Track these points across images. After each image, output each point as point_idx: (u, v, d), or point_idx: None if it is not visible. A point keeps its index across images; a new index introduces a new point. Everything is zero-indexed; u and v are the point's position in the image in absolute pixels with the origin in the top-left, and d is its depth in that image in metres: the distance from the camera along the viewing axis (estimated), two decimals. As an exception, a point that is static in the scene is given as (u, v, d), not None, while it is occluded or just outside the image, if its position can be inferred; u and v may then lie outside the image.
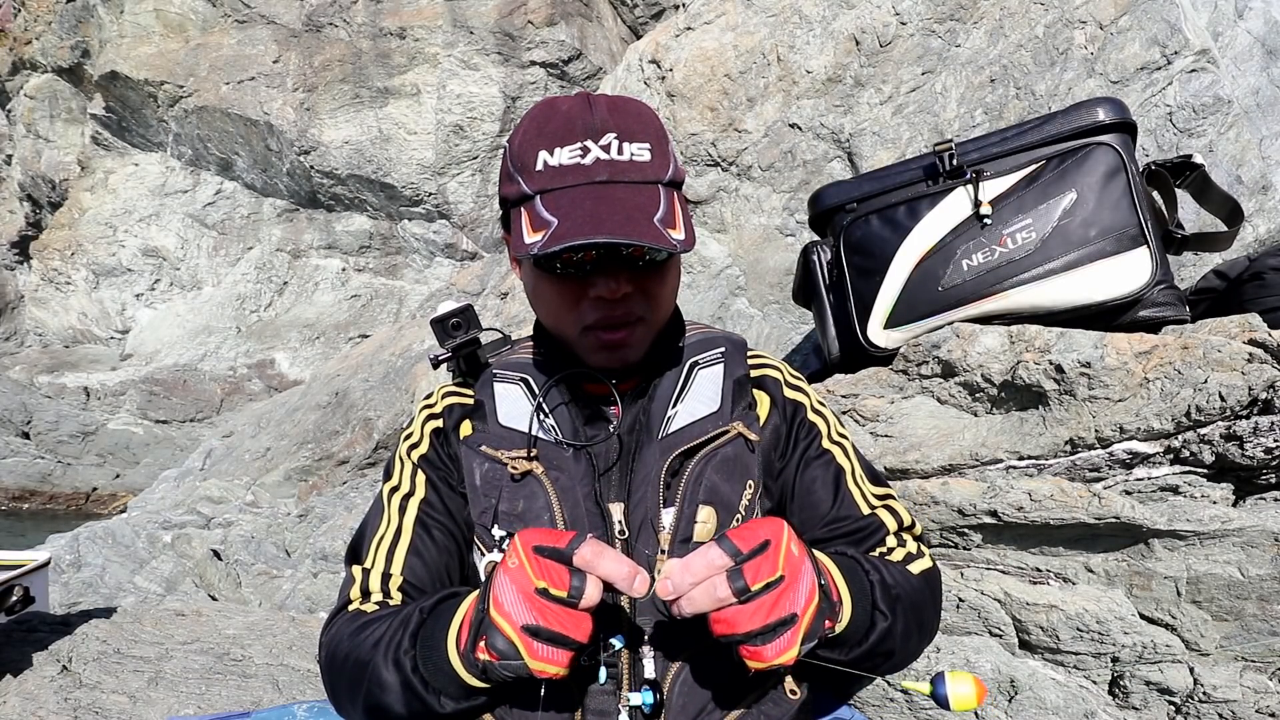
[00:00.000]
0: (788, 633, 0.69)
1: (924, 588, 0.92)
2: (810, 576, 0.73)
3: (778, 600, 0.69)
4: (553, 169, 0.88)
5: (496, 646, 0.71)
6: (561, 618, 0.70)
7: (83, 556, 4.38)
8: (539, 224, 0.85)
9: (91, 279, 13.66)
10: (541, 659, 0.70)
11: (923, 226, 1.43)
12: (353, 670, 0.85)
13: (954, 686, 0.69)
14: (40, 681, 2.37)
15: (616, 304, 0.89)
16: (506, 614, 0.70)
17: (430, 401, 1.05)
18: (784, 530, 0.73)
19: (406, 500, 0.98)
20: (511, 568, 0.72)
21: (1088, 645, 1.18)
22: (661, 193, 0.89)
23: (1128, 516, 1.14)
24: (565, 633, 0.70)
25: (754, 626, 0.69)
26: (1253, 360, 1.13)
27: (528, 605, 0.70)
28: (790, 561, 0.71)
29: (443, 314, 1.04)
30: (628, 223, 0.83)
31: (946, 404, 1.40)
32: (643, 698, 0.83)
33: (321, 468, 5.80)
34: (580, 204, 0.85)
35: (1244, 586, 1.12)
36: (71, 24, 13.25)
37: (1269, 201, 1.81)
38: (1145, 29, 1.93)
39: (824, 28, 2.52)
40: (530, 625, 0.69)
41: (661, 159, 0.91)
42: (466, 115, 11.79)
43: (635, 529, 0.90)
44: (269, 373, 12.53)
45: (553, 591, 0.69)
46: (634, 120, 0.91)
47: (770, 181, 2.55)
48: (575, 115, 0.90)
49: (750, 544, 0.70)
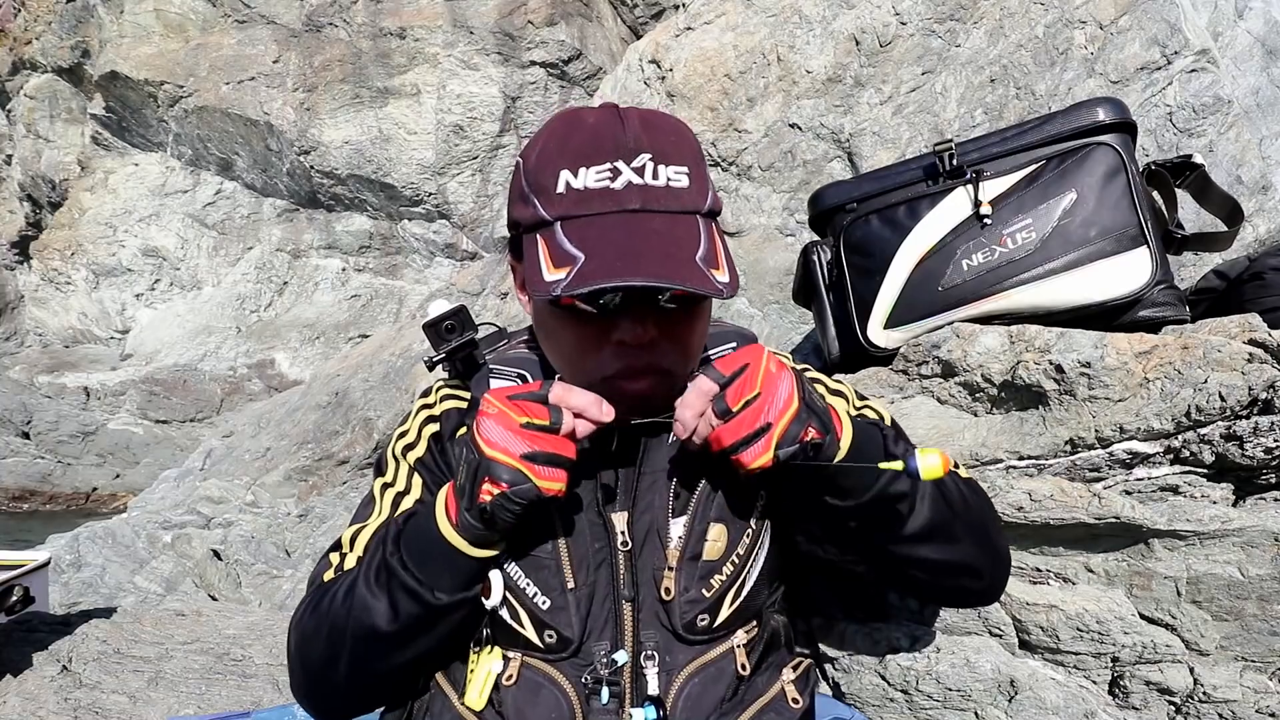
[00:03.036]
0: (762, 439, 0.76)
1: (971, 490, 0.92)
2: (788, 389, 0.78)
3: (755, 414, 0.76)
4: (577, 193, 0.77)
5: (502, 478, 0.75)
6: (551, 441, 0.77)
7: (83, 556, 4.38)
8: (561, 258, 0.75)
9: (91, 279, 13.66)
10: (546, 478, 0.76)
11: (923, 226, 1.42)
12: (330, 628, 0.84)
13: (922, 459, 0.75)
14: (40, 681, 2.37)
15: (641, 351, 0.80)
16: (503, 448, 0.76)
17: (429, 401, 1.00)
18: (762, 354, 0.80)
19: (401, 497, 0.93)
20: (493, 414, 0.77)
21: (1088, 645, 1.18)
22: (701, 225, 0.80)
23: (1128, 516, 1.14)
24: (558, 452, 0.77)
25: (735, 439, 0.76)
26: (1253, 360, 1.14)
27: (520, 437, 0.76)
28: (766, 379, 0.78)
29: (435, 318, 0.98)
30: (666, 262, 0.74)
31: (946, 404, 1.40)
32: (645, 714, 0.82)
33: (321, 468, 5.79)
34: (610, 237, 0.75)
35: (1244, 586, 1.12)
36: (71, 24, 13.25)
37: (1269, 201, 1.81)
38: (1145, 29, 1.93)
39: (824, 28, 2.52)
40: (527, 453, 0.76)
41: (700, 185, 0.82)
42: (466, 115, 11.79)
43: (640, 540, 0.86)
44: (269, 373, 12.53)
45: (537, 422, 0.76)
46: (670, 140, 0.81)
47: (770, 181, 2.55)
48: (604, 131, 0.79)
49: (731, 368, 0.78)
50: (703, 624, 0.86)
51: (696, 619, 0.85)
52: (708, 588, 0.86)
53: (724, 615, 0.86)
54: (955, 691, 1.19)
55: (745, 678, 0.88)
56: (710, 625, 0.86)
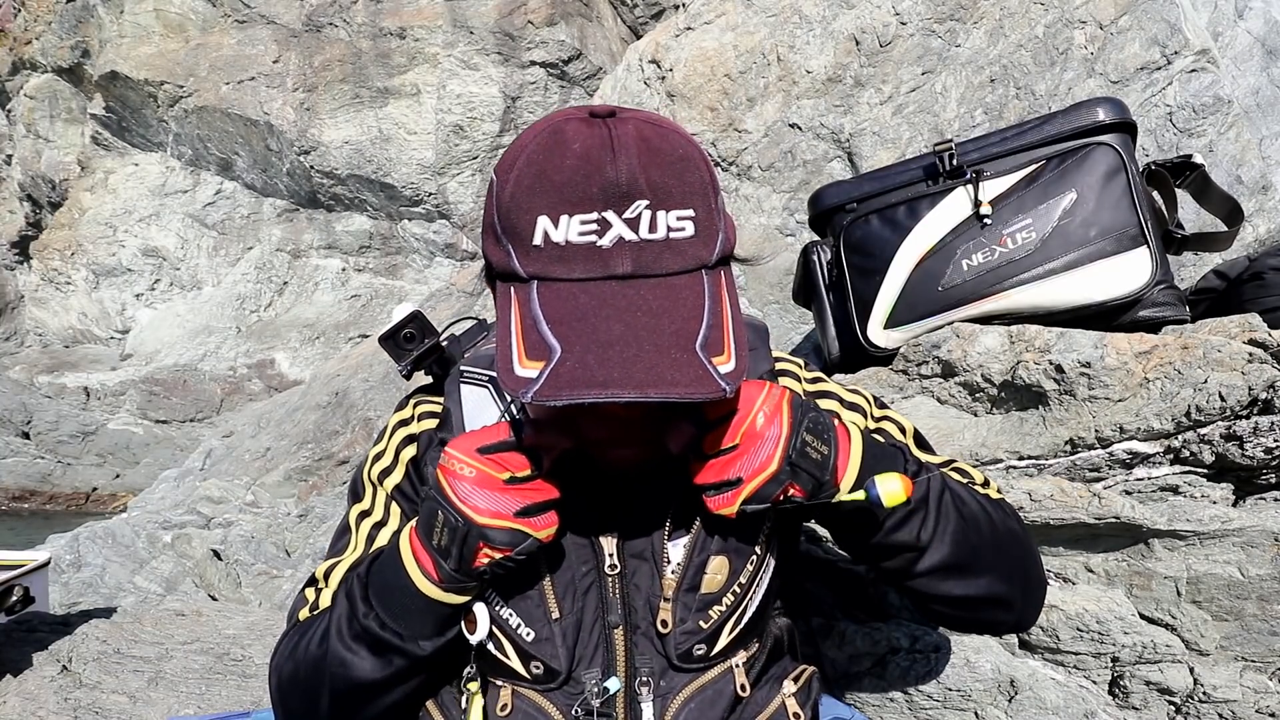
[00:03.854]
0: (730, 491, 0.75)
1: (1003, 514, 0.86)
2: (769, 450, 0.74)
3: (726, 465, 0.74)
4: (556, 247, 0.67)
5: (502, 542, 0.73)
6: (539, 490, 0.75)
7: (83, 556, 4.37)
8: (533, 348, 0.65)
9: (91, 279, 13.66)
10: (543, 526, 0.75)
11: (923, 226, 1.42)
12: (306, 675, 0.81)
13: (883, 485, 0.74)
14: (40, 681, 2.37)
15: (628, 421, 0.73)
16: (495, 512, 0.73)
17: (405, 417, 0.93)
18: (757, 400, 0.75)
19: (377, 529, 0.88)
20: (470, 476, 0.73)
21: (1088, 645, 1.18)
22: (706, 287, 0.69)
23: (1128, 516, 1.14)
24: (549, 498, 0.75)
25: (703, 482, 0.76)
26: (1253, 360, 1.14)
27: (508, 495, 0.73)
28: (747, 435, 0.74)
29: (391, 329, 0.91)
30: (659, 362, 0.64)
31: (946, 404, 1.40)
32: None
33: (321, 468, 5.79)
34: (592, 324, 0.65)
35: (1244, 586, 1.12)
36: (71, 24, 13.25)
37: (1269, 201, 1.81)
38: (1145, 29, 1.93)
39: (824, 28, 2.52)
40: (520, 509, 0.73)
41: (708, 229, 0.69)
42: (466, 115, 11.80)
43: (632, 561, 0.82)
44: (269, 373, 12.53)
45: (521, 475, 0.74)
46: (672, 172, 0.68)
47: (770, 181, 2.55)
48: (591, 164, 0.66)
49: (719, 413, 0.75)
50: (699, 653, 0.83)
51: (693, 649, 0.82)
52: (705, 619, 0.82)
53: (722, 644, 0.83)
54: (955, 691, 1.19)
55: (745, 697, 0.85)
56: (707, 654, 0.83)
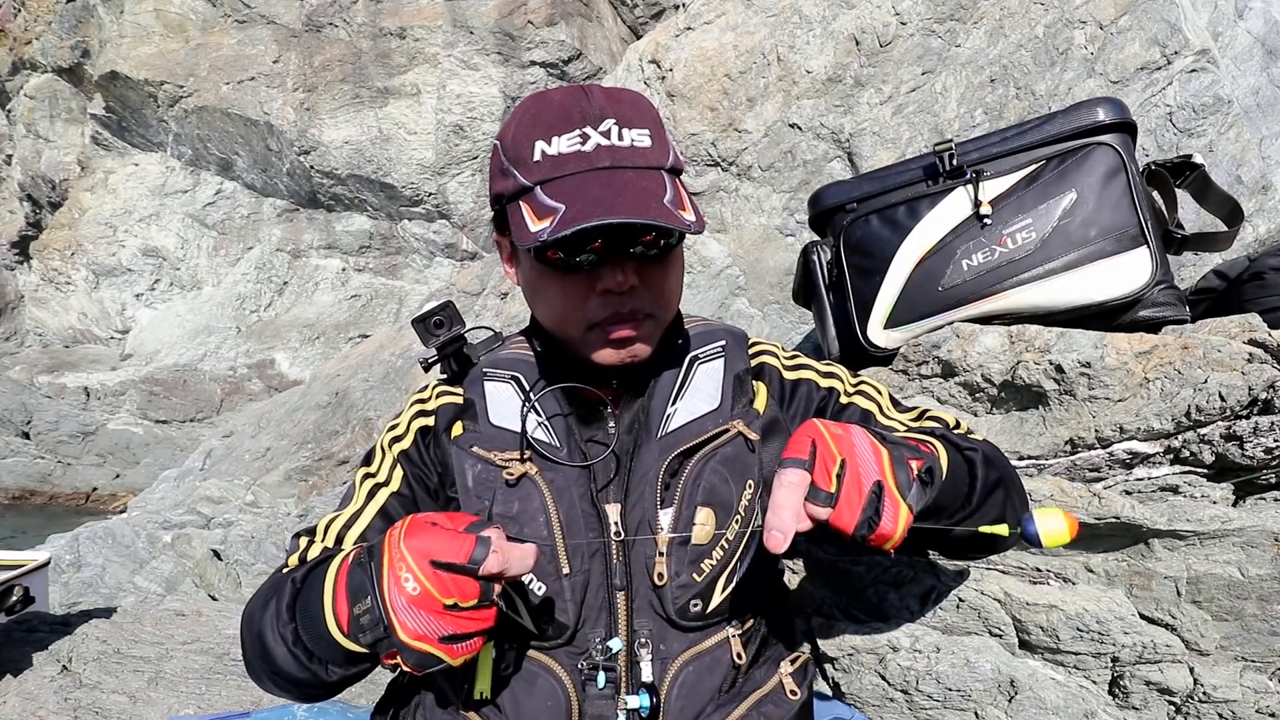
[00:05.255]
0: (887, 500, 0.70)
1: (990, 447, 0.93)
2: (864, 439, 0.74)
3: (857, 482, 0.70)
4: (552, 158, 0.85)
5: (410, 660, 0.71)
6: (474, 619, 0.71)
7: (83, 556, 4.38)
8: (543, 211, 0.83)
9: (91, 279, 13.66)
10: (462, 654, 0.72)
11: (923, 226, 1.42)
12: (250, 634, 0.85)
13: (1043, 522, 0.67)
14: (40, 681, 2.37)
15: (624, 298, 0.87)
16: (420, 635, 0.70)
17: (423, 396, 1.02)
18: (817, 425, 0.75)
19: (379, 489, 0.95)
20: (413, 592, 0.70)
21: (1088, 645, 1.18)
22: (666, 178, 0.87)
23: (1128, 516, 1.14)
24: (480, 628, 0.72)
25: (857, 518, 0.69)
26: (1253, 360, 1.14)
27: (440, 621, 0.70)
28: (839, 442, 0.72)
29: (423, 313, 1.01)
30: (638, 205, 0.81)
31: (946, 404, 1.40)
32: (640, 701, 0.83)
33: (321, 468, 5.80)
34: (586, 189, 0.82)
35: (1244, 586, 1.12)
36: (71, 24, 13.25)
37: (1269, 201, 1.81)
38: (1145, 29, 1.93)
39: (824, 28, 2.52)
40: (447, 636, 0.71)
41: (661, 145, 0.89)
42: (466, 115, 11.80)
43: (633, 530, 0.89)
44: (269, 373, 12.53)
45: (463, 605, 0.70)
46: (630, 107, 0.89)
47: (770, 181, 2.55)
48: (570, 104, 0.87)
49: (804, 453, 0.71)
50: (695, 609, 0.88)
51: (689, 604, 0.87)
52: (698, 572, 0.88)
53: (716, 601, 0.88)
54: (955, 691, 1.19)
55: (742, 669, 0.90)
56: (703, 611, 0.88)
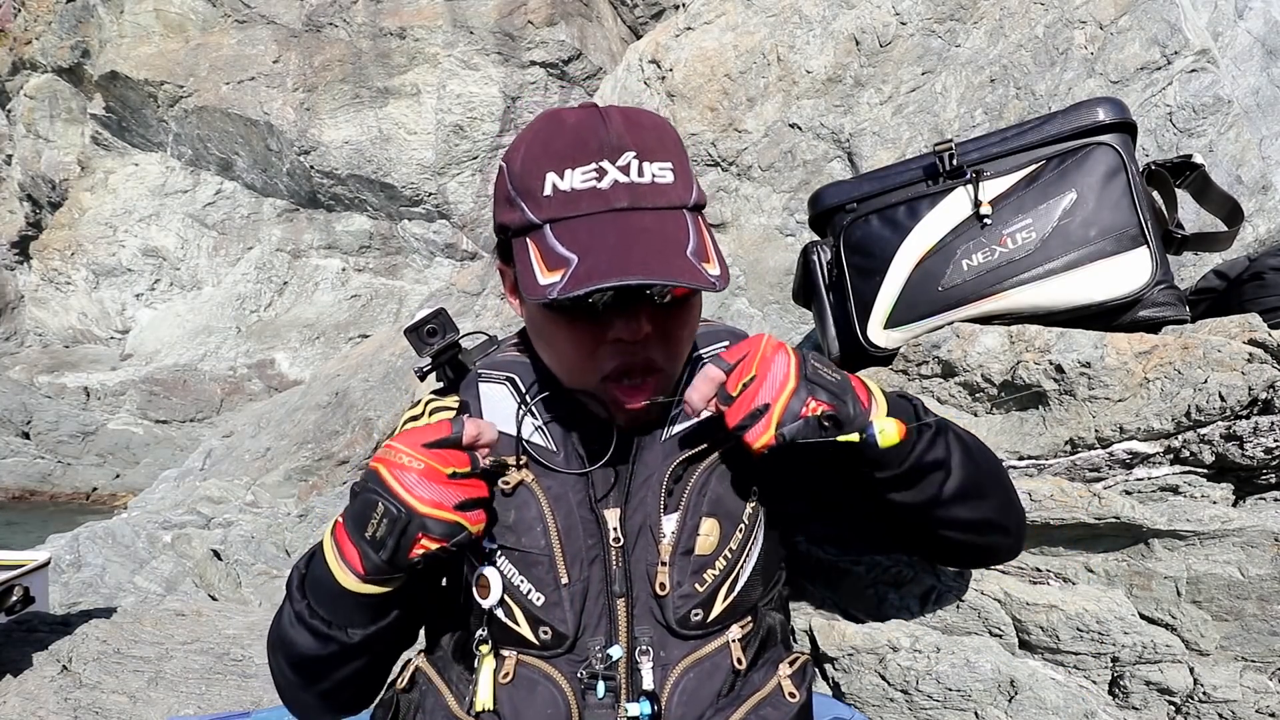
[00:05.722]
0: (762, 419, 0.80)
1: (981, 446, 0.94)
2: (783, 368, 0.81)
3: (752, 395, 0.81)
4: (564, 194, 0.78)
5: (440, 533, 0.77)
6: (475, 486, 0.80)
7: (83, 556, 4.38)
8: (554, 261, 0.76)
9: (91, 279, 13.66)
10: (476, 521, 0.80)
11: (923, 226, 1.42)
12: (273, 642, 0.90)
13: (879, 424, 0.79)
14: (40, 681, 2.38)
15: (637, 347, 0.82)
16: (436, 503, 0.77)
17: (415, 414, 0.99)
18: (761, 340, 0.84)
19: None
20: (417, 468, 0.78)
21: (1088, 645, 1.18)
22: (689, 219, 0.81)
23: (1128, 516, 1.14)
24: (482, 495, 0.81)
25: (738, 420, 0.81)
26: (1253, 360, 1.14)
27: (449, 489, 0.78)
28: (762, 362, 0.82)
29: (416, 322, 0.99)
30: (659, 258, 0.75)
31: (946, 404, 1.40)
32: (641, 708, 0.82)
33: (321, 468, 5.80)
34: (601, 237, 0.76)
35: (1244, 586, 1.12)
36: (71, 24, 13.25)
37: (1269, 201, 1.81)
38: (1145, 29, 1.92)
39: (824, 28, 2.52)
40: (459, 503, 0.78)
41: (684, 180, 0.82)
42: (466, 115, 11.80)
43: (633, 535, 0.87)
44: (269, 373, 12.53)
45: (462, 471, 0.79)
46: (652, 136, 0.82)
47: (770, 181, 2.55)
48: (586, 131, 0.80)
49: (734, 357, 0.83)
50: (696, 619, 0.87)
51: (690, 614, 0.86)
52: (700, 582, 0.87)
53: (717, 610, 0.88)
54: (955, 691, 1.19)
55: (741, 673, 0.89)
56: (704, 620, 0.87)
